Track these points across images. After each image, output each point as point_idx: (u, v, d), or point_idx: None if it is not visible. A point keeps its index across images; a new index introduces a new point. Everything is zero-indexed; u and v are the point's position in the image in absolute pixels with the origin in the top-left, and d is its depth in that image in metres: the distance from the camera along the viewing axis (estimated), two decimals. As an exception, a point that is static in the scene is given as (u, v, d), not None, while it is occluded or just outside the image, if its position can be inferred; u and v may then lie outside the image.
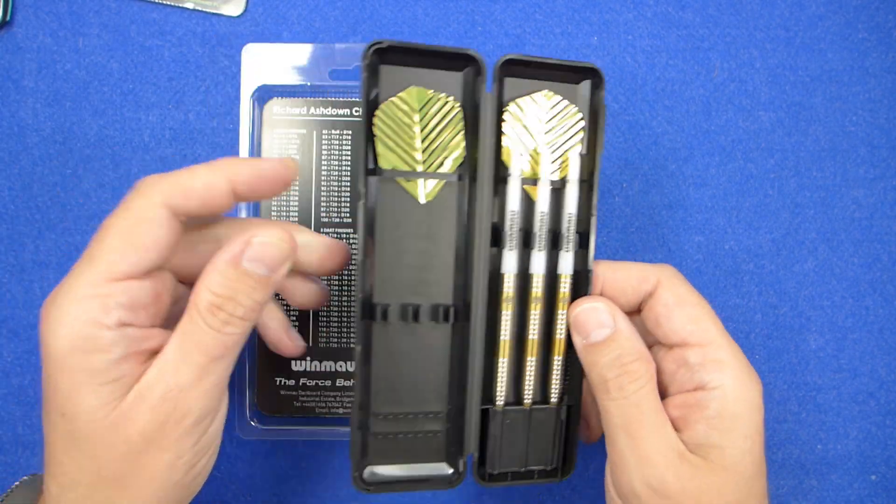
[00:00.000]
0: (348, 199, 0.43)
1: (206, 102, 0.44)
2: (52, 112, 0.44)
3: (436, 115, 0.33)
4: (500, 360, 0.34)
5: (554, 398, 0.35)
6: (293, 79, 0.43)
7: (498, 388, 0.35)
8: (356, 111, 0.42)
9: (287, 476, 0.44)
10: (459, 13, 0.45)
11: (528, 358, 0.35)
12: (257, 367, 0.42)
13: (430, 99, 0.33)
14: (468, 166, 0.34)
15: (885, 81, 0.46)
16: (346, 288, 0.43)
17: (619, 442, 0.32)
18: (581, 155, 0.35)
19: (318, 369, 0.43)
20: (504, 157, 0.34)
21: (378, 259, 0.33)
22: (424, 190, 0.34)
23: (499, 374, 0.34)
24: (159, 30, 0.44)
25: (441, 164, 0.33)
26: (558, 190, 0.35)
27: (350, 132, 0.43)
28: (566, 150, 0.35)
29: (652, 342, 0.34)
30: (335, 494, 0.44)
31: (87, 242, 0.43)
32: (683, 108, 0.46)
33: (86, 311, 0.27)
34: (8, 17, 0.43)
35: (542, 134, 0.34)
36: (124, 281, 0.28)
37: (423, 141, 0.33)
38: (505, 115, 0.34)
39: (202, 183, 0.29)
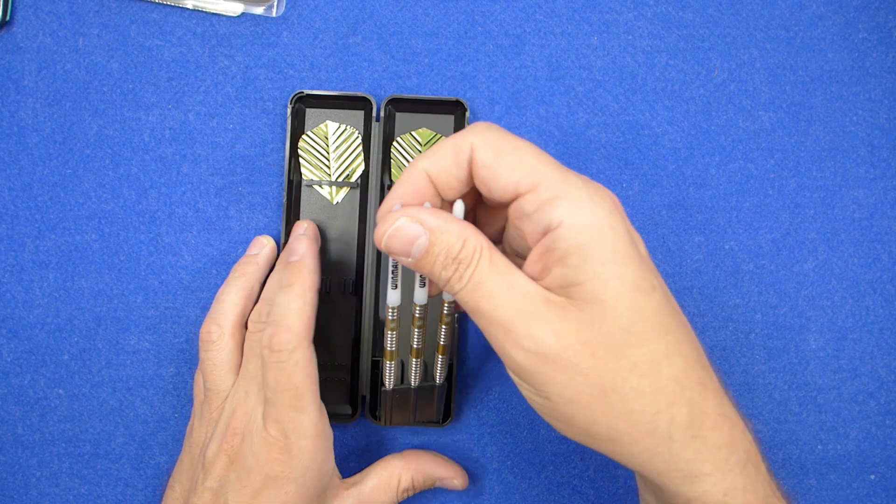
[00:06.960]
0: None
1: (206, 102, 0.44)
2: (52, 112, 0.44)
3: (344, 141, 0.44)
4: (389, 332, 0.38)
5: (438, 379, 0.41)
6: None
7: (386, 375, 0.40)
8: None
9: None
10: (459, 13, 0.45)
11: (414, 330, 0.38)
12: None
13: (338, 128, 0.44)
14: (365, 178, 0.44)
15: (885, 81, 0.46)
16: None
17: (482, 326, 0.30)
18: None
19: None
20: (394, 170, 0.44)
21: None
22: (335, 195, 0.44)
23: (387, 365, 0.39)
24: (159, 30, 0.44)
25: (350, 176, 0.44)
26: None
27: None
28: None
29: (502, 204, 0.32)
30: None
31: (87, 242, 0.44)
32: (683, 108, 0.46)
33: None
34: (8, 17, 0.43)
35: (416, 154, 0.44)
36: None
37: (335, 160, 0.44)
38: (394, 143, 0.44)
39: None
